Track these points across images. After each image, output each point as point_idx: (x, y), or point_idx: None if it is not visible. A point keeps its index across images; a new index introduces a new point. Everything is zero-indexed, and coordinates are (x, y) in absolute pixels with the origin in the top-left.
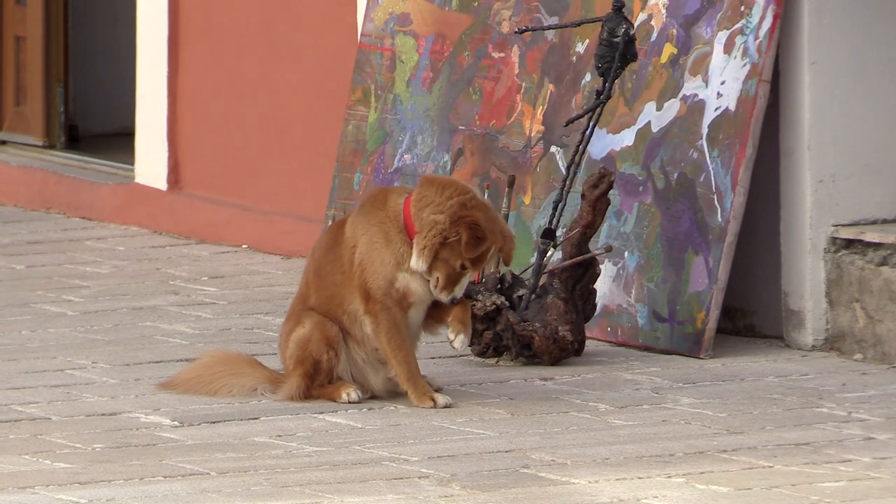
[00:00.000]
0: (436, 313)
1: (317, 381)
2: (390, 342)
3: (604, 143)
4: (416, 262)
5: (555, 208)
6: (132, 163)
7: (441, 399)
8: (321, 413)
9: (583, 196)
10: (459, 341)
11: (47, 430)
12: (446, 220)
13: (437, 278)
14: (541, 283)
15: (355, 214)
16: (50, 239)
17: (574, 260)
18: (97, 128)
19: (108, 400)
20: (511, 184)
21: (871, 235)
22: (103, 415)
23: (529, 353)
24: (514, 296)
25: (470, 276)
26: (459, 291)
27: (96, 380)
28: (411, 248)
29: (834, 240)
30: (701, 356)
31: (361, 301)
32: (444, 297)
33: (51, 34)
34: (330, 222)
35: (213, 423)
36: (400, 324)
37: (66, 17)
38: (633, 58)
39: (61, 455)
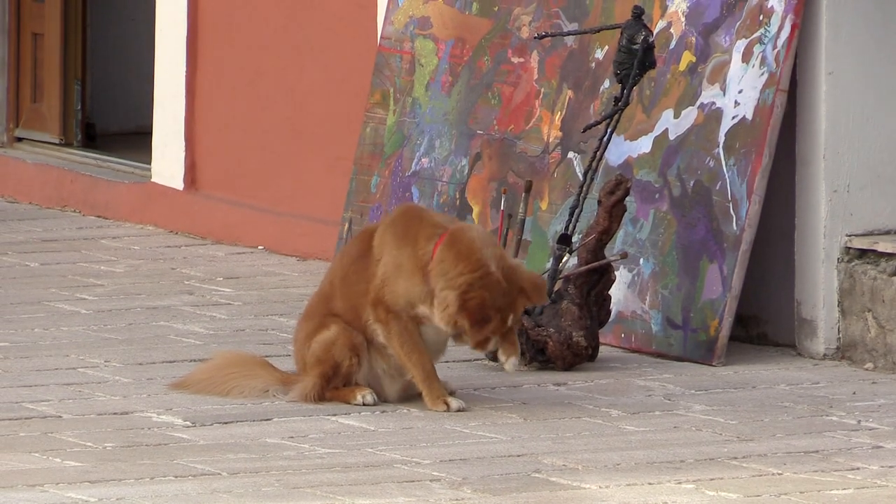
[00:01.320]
0: None
1: (332, 384)
2: (403, 346)
3: (621, 150)
4: (440, 323)
5: (571, 214)
6: (149, 162)
7: (454, 403)
8: (334, 415)
9: (599, 202)
10: (511, 364)
11: (58, 428)
12: (455, 302)
13: (466, 340)
14: (556, 288)
15: (386, 232)
16: (65, 237)
17: (589, 266)
18: (114, 126)
19: (121, 399)
20: (528, 189)
21: (884, 245)
22: (115, 414)
23: (543, 358)
24: None
25: (501, 332)
26: (494, 345)
27: (109, 379)
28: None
29: (847, 249)
30: (713, 363)
31: (372, 310)
32: (480, 352)
33: (69, 31)
34: (347, 225)
35: (226, 423)
36: (411, 329)
37: (84, 15)
38: (652, 65)
39: (72, 453)
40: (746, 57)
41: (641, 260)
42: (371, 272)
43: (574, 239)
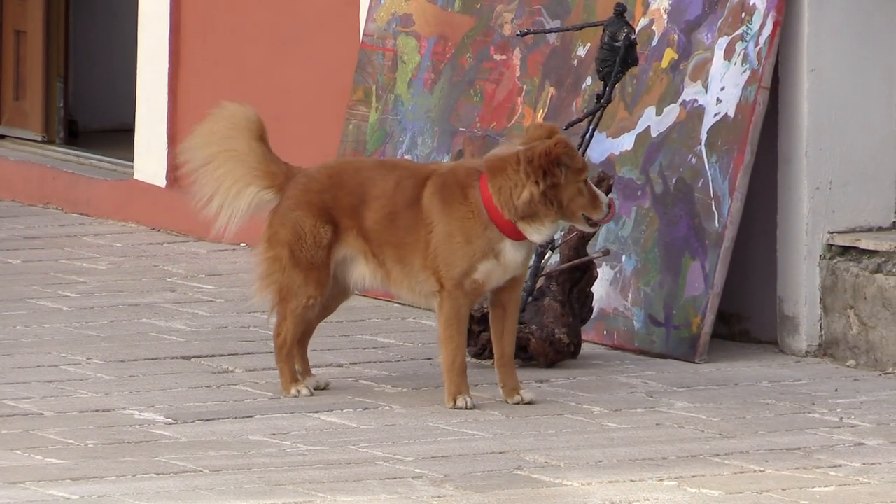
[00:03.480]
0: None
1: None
2: (447, 329)
3: (603, 147)
4: (545, 225)
5: None
6: (131, 159)
7: (461, 401)
8: (316, 412)
9: None
10: (530, 396)
11: (40, 425)
12: (531, 181)
13: (580, 213)
14: (538, 285)
15: (434, 197)
16: (47, 234)
17: (572, 263)
18: (96, 123)
19: (102, 396)
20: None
21: (866, 243)
22: (97, 411)
23: (525, 355)
24: None
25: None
26: (606, 198)
27: (91, 376)
28: (499, 236)
29: (829, 246)
30: (696, 360)
31: (435, 281)
32: (599, 215)
33: (51, 28)
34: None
35: (207, 420)
36: (462, 314)
37: (66, 12)
38: (634, 62)
39: (53, 451)
40: (728, 54)
41: (624, 257)
42: (421, 234)
43: (556, 236)
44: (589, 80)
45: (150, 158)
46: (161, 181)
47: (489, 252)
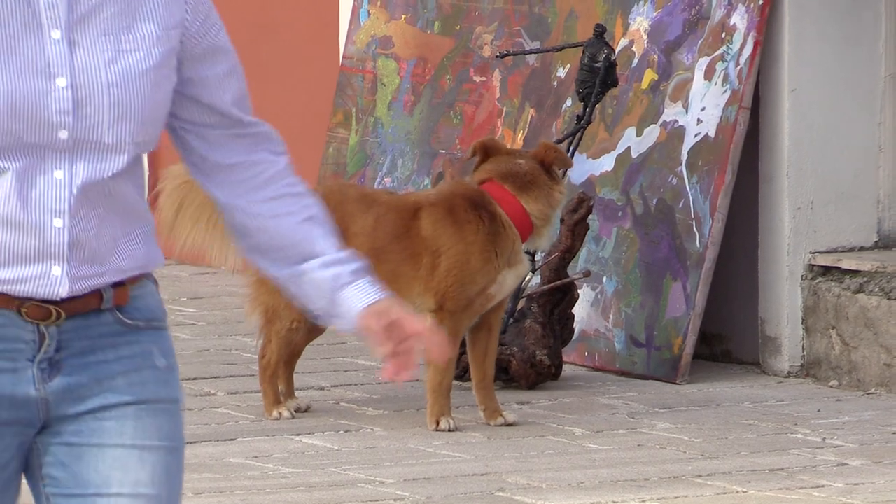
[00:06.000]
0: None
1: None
2: None
3: (584, 168)
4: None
5: None
6: None
7: (444, 423)
8: (298, 435)
9: (562, 221)
10: (512, 418)
11: None
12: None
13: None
14: (519, 307)
15: (441, 223)
16: None
17: (552, 284)
18: None
19: None
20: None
21: (847, 262)
22: None
23: (507, 376)
24: None
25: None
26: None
27: None
28: (518, 240)
29: (811, 266)
30: (677, 381)
31: (434, 301)
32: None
33: None
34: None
35: (189, 443)
36: (460, 334)
37: None
38: (614, 83)
39: None
40: (709, 74)
41: (605, 278)
42: (423, 261)
43: (537, 257)
44: (569, 102)
45: None
46: None
47: (513, 262)
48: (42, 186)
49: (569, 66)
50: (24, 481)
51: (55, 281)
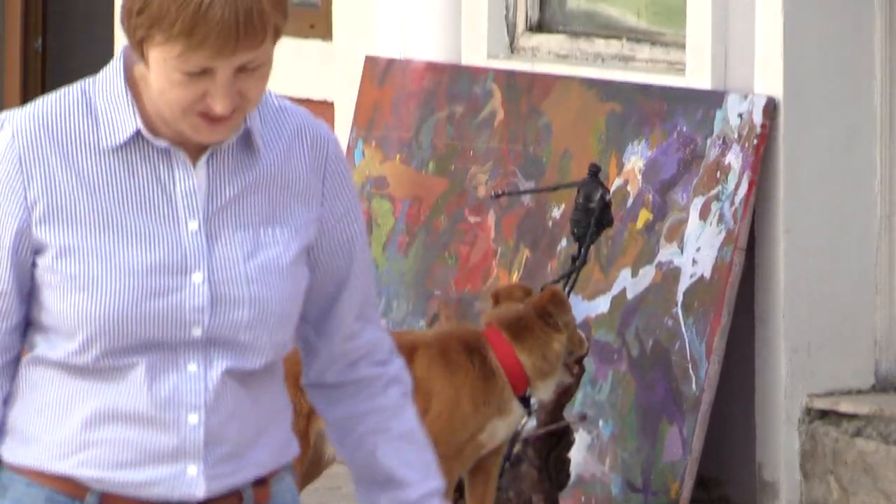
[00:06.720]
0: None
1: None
2: None
3: (579, 310)
4: (554, 377)
5: None
6: None
7: None
8: None
9: None
10: None
11: None
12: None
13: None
14: (515, 450)
15: (433, 366)
16: None
17: (548, 428)
18: None
19: None
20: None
21: (845, 406)
22: None
23: None
24: None
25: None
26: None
27: None
28: (511, 395)
29: (808, 410)
30: None
31: None
32: (583, 349)
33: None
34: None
35: None
36: (452, 479)
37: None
38: (609, 223)
39: None
40: (704, 214)
41: (601, 422)
42: (414, 399)
43: (533, 400)
44: (564, 242)
45: None
46: None
47: (502, 411)
48: (175, 381)
49: (564, 205)
50: None
51: (191, 482)
